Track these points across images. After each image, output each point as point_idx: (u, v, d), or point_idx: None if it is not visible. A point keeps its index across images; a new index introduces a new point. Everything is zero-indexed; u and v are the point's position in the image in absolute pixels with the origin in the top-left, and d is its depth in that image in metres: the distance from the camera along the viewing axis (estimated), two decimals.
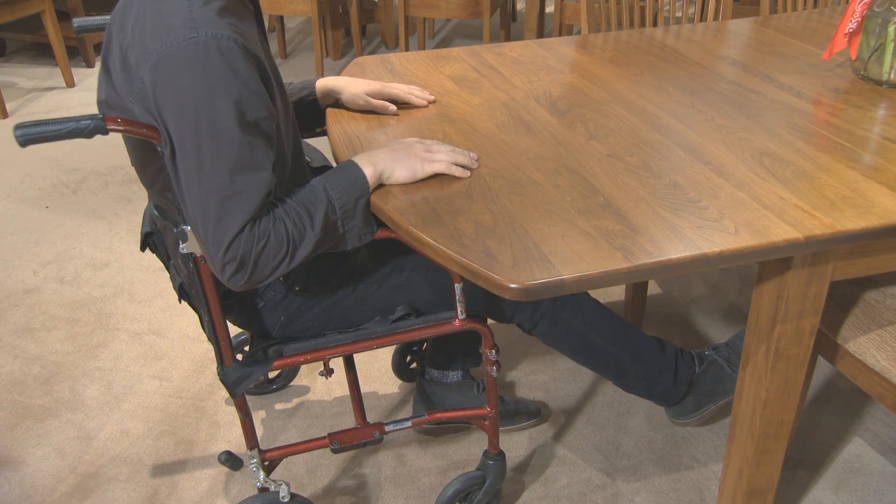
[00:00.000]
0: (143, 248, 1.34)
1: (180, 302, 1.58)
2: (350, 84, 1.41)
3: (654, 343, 1.52)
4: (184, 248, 1.10)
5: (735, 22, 1.90)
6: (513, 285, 0.95)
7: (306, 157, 1.40)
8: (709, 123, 1.35)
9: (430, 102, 1.44)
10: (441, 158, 1.16)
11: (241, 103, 1.00)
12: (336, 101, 1.45)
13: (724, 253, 1.00)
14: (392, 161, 1.14)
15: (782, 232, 1.02)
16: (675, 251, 0.99)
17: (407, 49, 3.70)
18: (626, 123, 1.35)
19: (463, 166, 1.18)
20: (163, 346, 2.02)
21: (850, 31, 1.47)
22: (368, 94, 1.40)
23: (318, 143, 3.04)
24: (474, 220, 1.07)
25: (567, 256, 0.99)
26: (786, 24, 1.87)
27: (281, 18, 4.16)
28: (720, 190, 1.13)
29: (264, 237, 1.04)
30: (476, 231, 1.04)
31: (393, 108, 1.40)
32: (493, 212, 1.09)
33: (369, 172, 1.12)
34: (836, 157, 1.22)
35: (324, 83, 1.43)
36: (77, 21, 1.32)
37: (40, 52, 4.30)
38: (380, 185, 1.15)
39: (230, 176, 1.01)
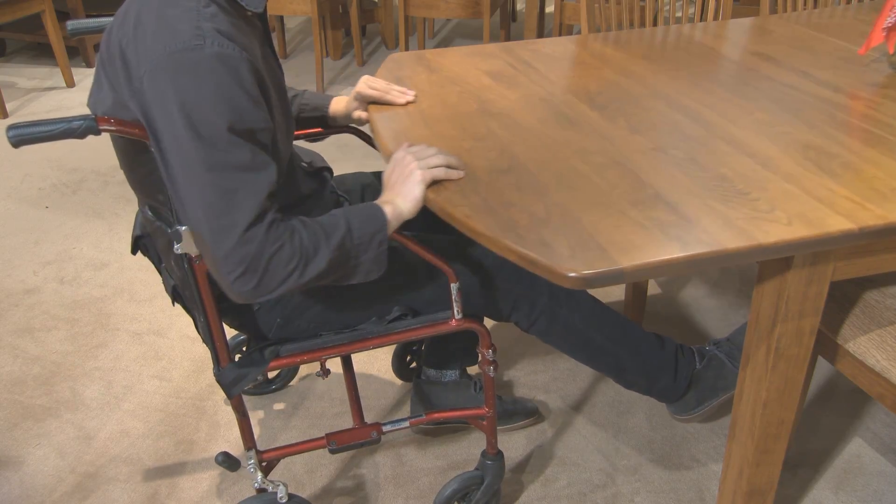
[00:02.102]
0: (133, 252, 1.34)
1: (174, 304, 1.58)
2: (336, 105, 1.50)
3: (654, 339, 1.51)
4: (179, 248, 1.10)
5: (753, 19, 1.90)
6: (571, 274, 0.95)
7: (303, 162, 1.40)
8: (749, 118, 1.35)
9: (408, 102, 1.45)
10: (436, 163, 1.17)
11: (241, 111, 1.01)
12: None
13: (780, 243, 0.99)
14: (400, 199, 1.16)
15: (836, 223, 1.02)
16: (731, 241, 0.99)
17: (407, 49, 3.70)
18: (668, 118, 1.35)
19: (454, 167, 1.18)
20: (163, 346, 2.02)
21: (889, 25, 1.46)
22: (350, 111, 1.48)
23: (319, 145, 3.04)
24: (527, 211, 1.07)
25: (623, 246, 0.99)
26: (818, 21, 1.86)
27: (281, 18, 4.16)
28: (769, 182, 1.13)
29: (278, 241, 1.03)
30: (530, 222, 1.05)
31: (399, 99, 1.44)
32: (544, 203, 1.09)
33: (388, 211, 1.14)
34: (880, 150, 1.22)
35: (332, 108, 1.51)
36: (71, 24, 1.32)
37: (40, 52, 4.31)
38: (400, 229, 1.17)
39: (233, 173, 1.00)
